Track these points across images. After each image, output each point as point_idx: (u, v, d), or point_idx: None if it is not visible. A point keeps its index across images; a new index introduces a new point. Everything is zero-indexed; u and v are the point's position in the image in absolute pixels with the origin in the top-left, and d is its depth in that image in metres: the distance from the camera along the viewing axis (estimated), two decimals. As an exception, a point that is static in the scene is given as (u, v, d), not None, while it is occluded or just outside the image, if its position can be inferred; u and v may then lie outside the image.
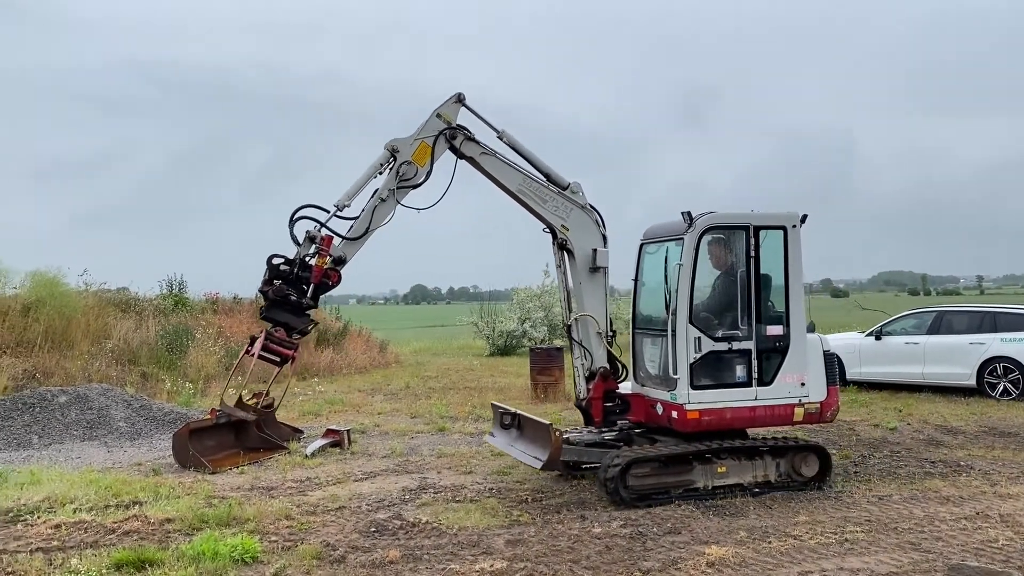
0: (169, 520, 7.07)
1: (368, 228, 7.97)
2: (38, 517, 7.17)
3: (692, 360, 7.55)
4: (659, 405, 7.92)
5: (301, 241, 7.82)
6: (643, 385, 8.36)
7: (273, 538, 6.63)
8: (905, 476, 8.61)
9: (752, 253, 7.77)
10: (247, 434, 10.39)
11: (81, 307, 16.77)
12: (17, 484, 8.28)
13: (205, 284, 21.87)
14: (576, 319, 8.42)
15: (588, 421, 8.46)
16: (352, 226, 8.06)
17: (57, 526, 6.91)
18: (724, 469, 7.66)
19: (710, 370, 7.67)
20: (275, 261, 7.71)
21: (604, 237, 8.51)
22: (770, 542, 6.37)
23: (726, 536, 6.53)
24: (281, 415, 11.93)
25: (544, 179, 8.40)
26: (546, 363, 15.42)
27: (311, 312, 7.84)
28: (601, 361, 8.38)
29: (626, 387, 8.54)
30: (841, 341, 16.31)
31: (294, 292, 7.66)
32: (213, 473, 9.15)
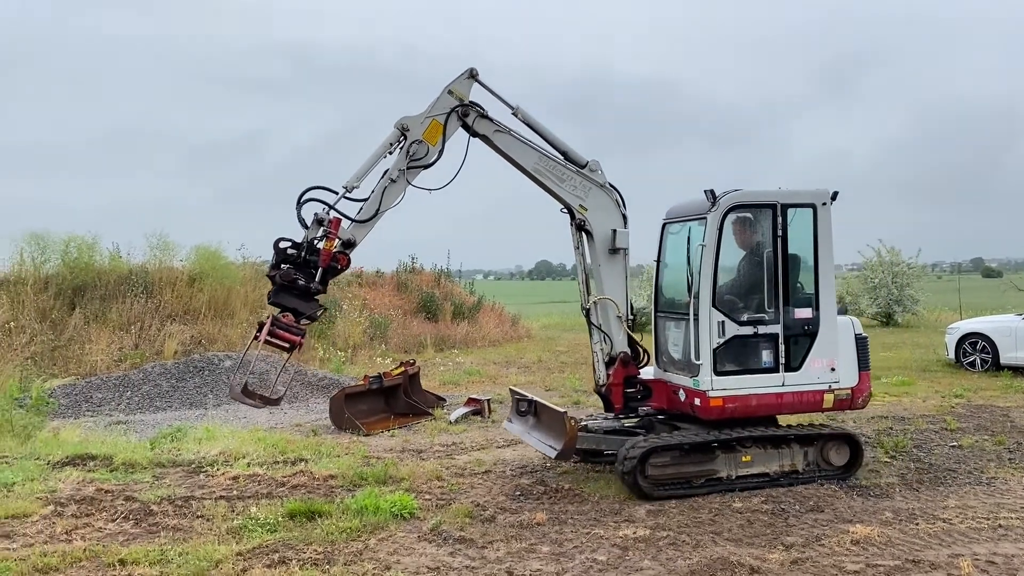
0: (332, 476, 7.70)
1: (378, 210, 7.71)
2: (217, 469, 7.96)
3: (715, 345, 7.25)
4: (682, 391, 7.65)
5: (309, 224, 7.52)
6: (665, 370, 8.08)
7: (427, 496, 7.12)
8: (1066, 465, 8.23)
9: (779, 232, 7.44)
10: (396, 400, 11.06)
11: (240, 278, 18.01)
12: (195, 439, 9.16)
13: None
14: (595, 302, 8.10)
15: (608, 408, 8.21)
16: (361, 208, 7.76)
17: (235, 477, 7.65)
18: (749, 458, 7.38)
19: (734, 355, 7.36)
20: (282, 245, 7.45)
21: (624, 217, 8.17)
22: (917, 524, 6.30)
23: (871, 516, 6.50)
24: (424, 383, 12.53)
25: (561, 157, 8.08)
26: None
27: (320, 297, 7.56)
28: (621, 346, 8.04)
29: (648, 372, 8.26)
30: (995, 324, 15.50)
31: (302, 276, 7.39)
32: (366, 435, 9.81)
